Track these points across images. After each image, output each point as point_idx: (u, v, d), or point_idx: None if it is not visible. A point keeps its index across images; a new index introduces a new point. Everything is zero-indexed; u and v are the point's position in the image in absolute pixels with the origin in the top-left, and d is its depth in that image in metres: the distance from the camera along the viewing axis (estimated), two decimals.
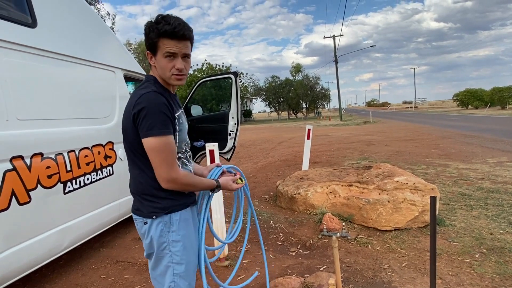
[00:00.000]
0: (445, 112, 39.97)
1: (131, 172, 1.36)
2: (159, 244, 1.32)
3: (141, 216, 1.33)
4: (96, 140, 2.88)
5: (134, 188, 1.36)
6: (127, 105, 1.28)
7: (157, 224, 1.30)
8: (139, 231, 1.39)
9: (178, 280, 1.34)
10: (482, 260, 2.66)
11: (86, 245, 3.23)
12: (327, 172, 4.59)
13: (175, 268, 1.33)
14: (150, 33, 1.24)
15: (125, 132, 1.30)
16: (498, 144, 9.35)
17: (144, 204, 1.32)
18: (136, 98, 1.23)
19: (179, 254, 1.33)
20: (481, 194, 4.56)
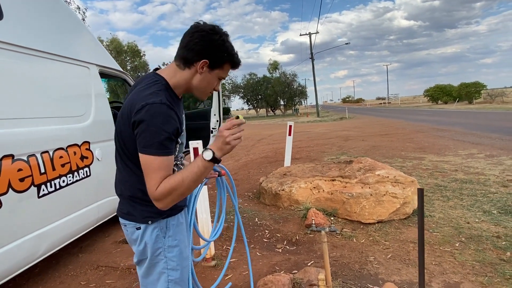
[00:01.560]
0: (417, 107, 41.52)
1: (121, 173, 1.24)
2: (153, 250, 1.23)
3: (133, 221, 1.22)
4: (71, 140, 2.72)
5: (124, 190, 1.24)
6: (127, 106, 1.12)
7: (153, 229, 1.21)
8: (129, 236, 1.27)
9: (172, 286, 1.27)
10: (462, 249, 2.75)
11: (64, 251, 3.06)
12: (309, 168, 4.61)
13: (170, 274, 1.26)
14: (224, 53, 1.16)
15: (120, 134, 1.16)
16: (468, 137, 9.79)
17: (136, 208, 1.21)
18: (141, 104, 1.05)
19: (175, 260, 1.26)
20: (455, 185, 4.74)
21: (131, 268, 2.69)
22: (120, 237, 3.34)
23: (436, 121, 16.42)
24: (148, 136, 1.04)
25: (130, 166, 1.18)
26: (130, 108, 1.09)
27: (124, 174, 1.22)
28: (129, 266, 2.71)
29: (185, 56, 1.15)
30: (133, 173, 1.18)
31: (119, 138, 1.18)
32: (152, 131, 1.04)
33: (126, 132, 1.12)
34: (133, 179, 1.19)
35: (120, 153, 1.21)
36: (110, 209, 3.25)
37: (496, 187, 4.44)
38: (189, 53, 1.14)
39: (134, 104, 1.08)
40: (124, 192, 1.25)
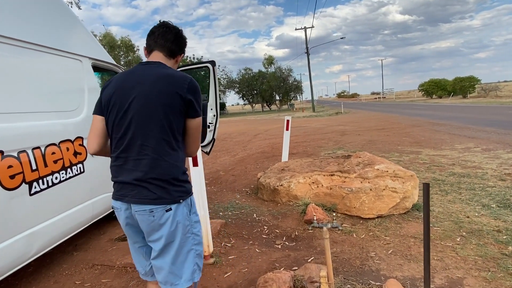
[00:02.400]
0: (412, 101, 41.68)
1: (160, 154, 1.28)
2: (184, 228, 1.33)
3: (164, 203, 1.28)
4: (63, 136, 2.63)
5: (161, 173, 1.28)
6: (172, 82, 1.30)
7: (183, 207, 1.33)
8: (156, 221, 1.29)
9: (199, 260, 1.38)
10: (463, 244, 2.73)
11: (58, 249, 2.99)
12: (307, 163, 4.56)
13: (196, 250, 1.37)
14: (184, 45, 1.51)
15: (167, 109, 1.27)
16: (464, 131, 9.82)
17: (170, 190, 1.30)
18: (188, 80, 1.31)
19: (200, 234, 1.38)
20: (453, 179, 4.73)
21: (128, 266, 2.62)
22: (116, 235, 3.27)
23: (431, 115, 16.47)
24: (200, 101, 1.35)
25: (172, 144, 1.31)
26: (180, 84, 1.29)
27: (164, 153, 1.29)
28: (125, 264, 2.64)
29: (173, 49, 1.43)
30: (175, 152, 1.32)
31: (162, 114, 1.27)
32: (200, 97, 1.36)
33: (177, 108, 1.29)
34: (175, 158, 1.32)
35: (160, 131, 1.28)
36: (105, 206, 3.17)
37: (494, 181, 4.43)
38: (176, 47, 1.44)
39: (182, 81, 1.30)
40: (160, 173, 1.28)
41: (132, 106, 1.29)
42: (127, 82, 1.34)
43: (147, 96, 1.28)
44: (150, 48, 1.43)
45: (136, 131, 1.29)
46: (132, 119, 1.29)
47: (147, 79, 1.31)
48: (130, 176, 1.30)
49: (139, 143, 1.28)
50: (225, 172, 6.39)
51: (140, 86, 1.31)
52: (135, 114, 1.28)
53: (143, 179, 1.28)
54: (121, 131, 1.32)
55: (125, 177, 1.32)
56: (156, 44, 1.41)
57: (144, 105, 1.28)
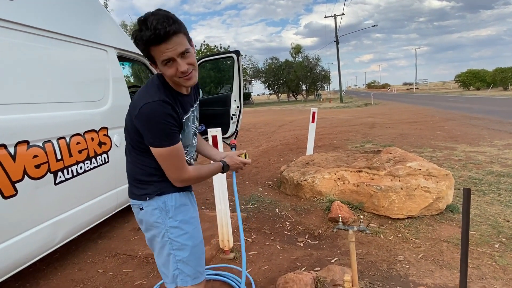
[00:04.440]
0: (447, 93, 39.56)
1: (128, 157, 1.38)
2: (158, 231, 1.32)
3: (134, 198, 1.36)
4: (88, 126, 2.65)
5: (128, 173, 1.39)
6: (131, 104, 1.25)
7: (153, 209, 1.31)
8: (136, 216, 1.41)
9: (181, 266, 1.34)
10: (502, 251, 2.51)
11: (83, 236, 3.06)
12: (333, 157, 4.40)
13: (176, 255, 1.32)
14: (139, 44, 1.13)
15: (126, 127, 1.31)
16: (505, 126, 9.15)
17: (137, 188, 1.34)
18: (140, 104, 1.16)
19: (180, 240, 1.32)
20: (492, 178, 4.39)
21: (149, 257, 2.64)
22: None
23: (468, 109, 15.51)
24: (153, 131, 1.17)
25: (132, 152, 1.33)
26: (133, 108, 1.21)
27: (128, 157, 1.37)
28: (146, 255, 2.66)
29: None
30: (135, 159, 1.33)
31: (126, 129, 1.33)
32: (155, 127, 1.16)
33: (131, 129, 1.26)
34: (135, 163, 1.33)
35: (126, 140, 1.35)
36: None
37: None
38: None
39: (136, 105, 1.19)
40: (128, 173, 1.39)
41: None
42: None
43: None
44: None
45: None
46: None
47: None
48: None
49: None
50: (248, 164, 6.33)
51: None
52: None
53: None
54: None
55: None
56: None
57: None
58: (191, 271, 1.35)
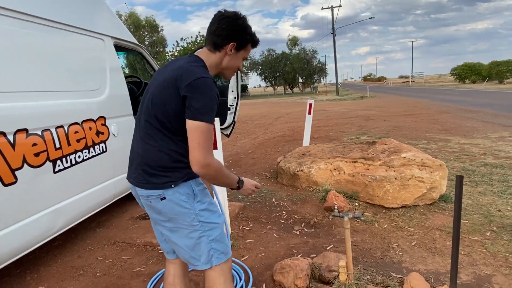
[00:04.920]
0: (442, 86, 39.74)
1: (151, 143, 1.29)
2: (185, 218, 1.30)
3: (153, 188, 1.29)
4: (86, 115, 2.66)
5: (149, 159, 1.29)
6: (173, 76, 1.24)
7: (180, 196, 1.29)
8: (152, 207, 1.34)
9: (215, 245, 1.36)
10: (493, 239, 2.58)
11: (82, 225, 3.09)
12: (329, 148, 4.45)
13: (209, 235, 1.34)
14: (247, 35, 1.35)
15: (162, 102, 1.25)
16: (499, 118, 9.25)
17: (159, 176, 1.28)
18: (194, 77, 1.20)
19: (211, 220, 1.35)
20: (485, 169, 4.47)
21: (148, 245, 2.68)
22: (137, 213, 3.35)
23: (463, 102, 15.63)
24: (206, 103, 1.19)
25: (166, 134, 1.27)
26: (181, 78, 1.21)
27: (156, 142, 1.28)
28: (145, 243, 2.70)
29: (215, 41, 1.31)
30: (166, 143, 1.28)
31: (158, 107, 1.26)
32: (209, 100, 1.19)
33: (173, 101, 1.22)
34: (166, 147, 1.28)
35: (153, 123, 1.28)
36: (127, 185, 3.22)
37: None
38: (218, 38, 1.31)
39: (186, 76, 1.20)
40: (149, 160, 1.30)
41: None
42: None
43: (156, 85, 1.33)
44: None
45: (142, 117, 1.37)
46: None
47: (165, 71, 1.34)
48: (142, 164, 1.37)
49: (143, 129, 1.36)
50: (245, 155, 6.38)
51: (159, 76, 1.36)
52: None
53: (142, 162, 1.33)
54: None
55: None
56: (205, 38, 1.39)
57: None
58: (223, 247, 1.39)
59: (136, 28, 34.22)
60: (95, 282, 2.20)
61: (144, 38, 36.04)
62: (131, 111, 3.32)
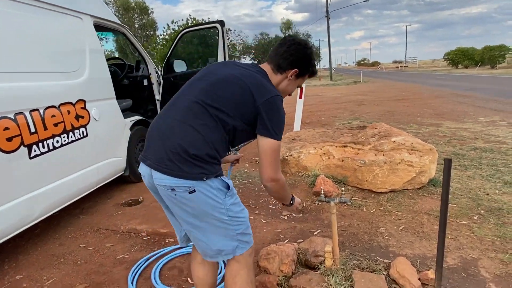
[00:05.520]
0: (435, 71, 39.75)
1: (198, 128, 1.20)
2: (215, 212, 1.24)
3: (182, 177, 1.17)
4: (64, 98, 2.54)
5: (185, 141, 1.18)
6: (249, 82, 1.25)
7: (211, 190, 1.22)
8: (176, 198, 1.22)
9: (241, 237, 1.33)
10: (481, 222, 2.57)
11: (65, 212, 3.01)
12: (320, 133, 4.39)
13: (237, 229, 1.31)
14: (310, 66, 1.41)
15: (233, 99, 1.23)
16: (490, 103, 9.27)
17: (192, 164, 1.17)
18: (272, 93, 1.25)
19: (240, 215, 1.32)
20: (474, 154, 4.47)
21: (132, 231, 2.62)
22: (123, 199, 3.28)
23: (455, 86, 15.65)
24: (280, 123, 1.25)
25: (219, 129, 1.22)
26: (258, 89, 1.23)
27: (207, 130, 1.21)
28: (129, 229, 2.64)
29: (280, 63, 1.35)
30: (218, 134, 1.23)
31: (225, 102, 1.22)
32: (282, 120, 1.26)
33: (244, 104, 1.22)
34: (216, 135, 1.22)
35: (213, 114, 1.21)
36: (111, 170, 3.14)
37: None
38: (284, 62, 1.34)
39: (265, 89, 1.25)
40: (193, 147, 1.19)
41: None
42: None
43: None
44: (267, 56, 1.42)
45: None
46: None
47: (235, 68, 1.33)
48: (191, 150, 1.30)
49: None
50: None
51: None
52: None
53: (180, 148, 1.22)
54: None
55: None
56: (269, 55, 1.41)
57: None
58: (247, 238, 1.37)
59: (126, 10, 33.23)
60: (75, 270, 2.14)
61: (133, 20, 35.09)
62: (114, 94, 3.20)
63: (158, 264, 2.13)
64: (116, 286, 1.97)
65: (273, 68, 1.36)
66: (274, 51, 1.37)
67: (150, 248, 2.38)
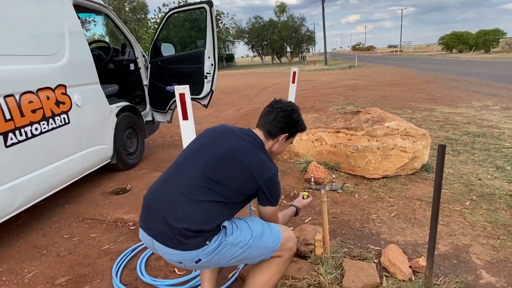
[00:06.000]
0: (430, 56, 39.60)
1: (200, 203, 1.23)
2: (226, 254, 1.29)
3: (187, 249, 1.21)
4: (42, 83, 2.40)
5: (189, 218, 1.20)
6: (249, 162, 1.31)
7: (214, 249, 1.24)
8: (190, 267, 1.32)
9: (264, 242, 1.36)
10: (472, 208, 2.54)
11: (49, 202, 2.93)
12: (313, 118, 4.31)
13: (260, 245, 1.34)
14: (298, 128, 1.54)
15: (234, 177, 1.29)
16: (484, 88, 9.24)
17: (195, 237, 1.20)
18: (271, 171, 1.35)
19: (247, 240, 1.31)
20: (467, 138, 4.45)
21: (118, 221, 2.55)
22: (110, 188, 3.19)
23: (450, 71, 15.59)
24: (277, 193, 1.40)
25: (222, 201, 1.26)
26: (260, 169, 1.32)
27: (211, 208, 1.25)
28: (116, 219, 2.57)
29: (271, 131, 1.47)
30: (220, 208, 1.27)
31: (227, 179, 1.28)
32: (278, 192, 1.41)
33: (247, 181, 1.30)
34: (218, 209, 1.27)
35: (212, 185, 1.25)
36: (96, 159, 3.05)
37: (511, 142, 4.14)
38: (274, 129, 1.47)
39: (265, 169, 1.33)
40: (192, 222, 1.20)
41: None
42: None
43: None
44: (257, 122, 1.53)
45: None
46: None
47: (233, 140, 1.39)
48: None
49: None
50: None
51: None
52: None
53: (179, 224, 1.26)
54: None
55: None
56: (258, 121, 1.52)
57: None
58: (269, 237, 1.37)
59: None
60: (58, 262, 2.07)
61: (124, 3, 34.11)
62: (97, 79, 3.06)
63: (144, 255, 2.07)
64: (100, 278, 1.90)
65: (265, 135, 1.47)
66: (264, 119, 1.49)
67: (137, 238, 2.31)
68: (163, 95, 3.83)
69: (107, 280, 1.88)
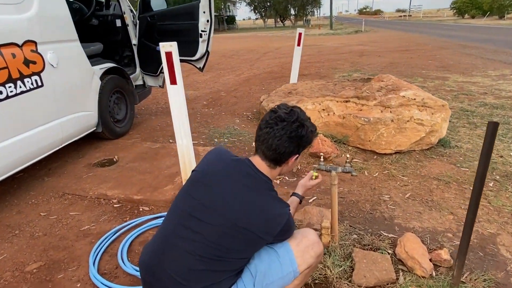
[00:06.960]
0: (440, 21, 37.84)
1: (197, 268, 1.04)
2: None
3: None
4: (5, 38, 2.04)
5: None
6: (263, 220, 1.08)
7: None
8: None
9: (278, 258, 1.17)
10: (497, 190, 2.28)
11: (27, 173, 2.66)
12: (319, 86, 3.94)
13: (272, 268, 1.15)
14: (308, 143, 1.21)
15: (238, 251, 1.08)
16: (500, 55, 8.70)
17: None
18: (284, 219, 1.11)
19: (255, 267, 1.15)
20: (484, 110, 4.11)
21: (101, 197, 2.29)
22: (96, 159, 2.91)
23: (462, 37, 14.79)
24: (290, 236, 1.20)
25: (217, 264, 1.06)
26: (265, 228, 1.08)
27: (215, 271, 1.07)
28: (98, 195, 2.31)
29: (277, 159, 1.16)
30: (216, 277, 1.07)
31: (226, 255, 1.06)
32: (292, 233, 1.21)
33: (255, 237, 1.07)
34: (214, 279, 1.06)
35: (217, 267, 1.06)
36: (78, 127, 2.74)
37: None
38: (281, 157, 1.16)
39: (270, 225, 1.09)
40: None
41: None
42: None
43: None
44: (255, 146, 1.19)
45: None
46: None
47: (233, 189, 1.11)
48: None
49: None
50: (226, 93, 5.82)
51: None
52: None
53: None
54: None
55: None
56: (258, 147, 1.17)
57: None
58: (278, 267, 1.15)
59: None
60: (31, 245, 1.84)
61: None
62: (76, 36, 2.67)
63: (127, 238, 1.84)
64: (76, 265, 1.68)
65: (269, 165, 1.17)
66: (265, 145, 1.13)
67: (121, 218, 2.07)
68: (154, 56, 3.44)
69: (84, 268, 1.65)
